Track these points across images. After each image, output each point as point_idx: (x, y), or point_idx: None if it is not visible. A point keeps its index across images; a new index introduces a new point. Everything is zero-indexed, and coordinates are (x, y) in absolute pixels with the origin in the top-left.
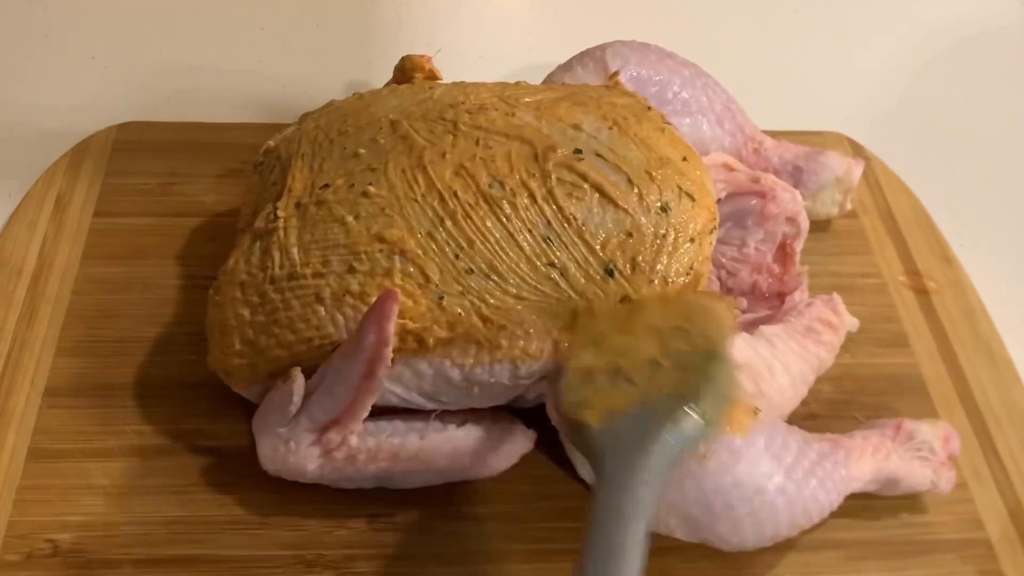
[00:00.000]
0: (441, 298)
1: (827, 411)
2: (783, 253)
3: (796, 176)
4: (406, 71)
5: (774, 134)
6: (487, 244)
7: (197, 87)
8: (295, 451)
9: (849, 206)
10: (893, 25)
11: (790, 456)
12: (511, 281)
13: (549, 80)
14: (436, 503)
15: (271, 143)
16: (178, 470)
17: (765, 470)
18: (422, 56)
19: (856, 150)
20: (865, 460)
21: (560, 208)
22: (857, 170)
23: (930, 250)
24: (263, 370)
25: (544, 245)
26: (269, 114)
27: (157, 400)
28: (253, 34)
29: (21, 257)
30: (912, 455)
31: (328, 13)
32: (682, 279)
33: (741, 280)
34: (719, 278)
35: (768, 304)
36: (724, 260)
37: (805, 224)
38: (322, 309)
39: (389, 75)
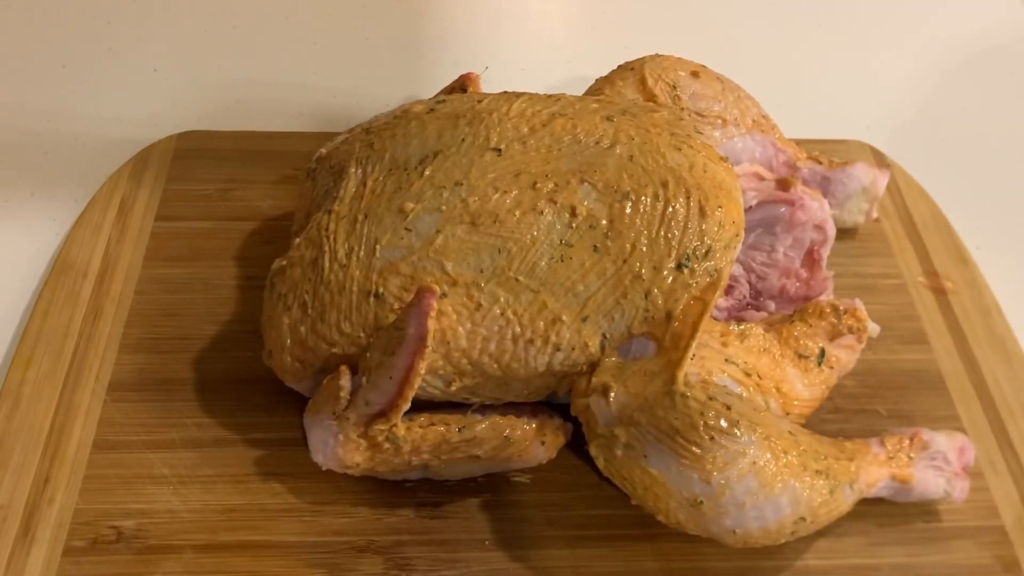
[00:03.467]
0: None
1: (850, 405)
2: (810, 259)
3: (824, 185)
4: (460, 86)
5: (801, 142)
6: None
7: (253, 98)
8: (343, 444)
9: (875, 215)
10: (913, 38)
11: (801, 457)
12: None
13: (590, 91)
14: (479, 492)
15: (323, 151)
16: (235, 460)
17: (773, 469)
18: (472, 74)
19: (878, 157)
20: (879, 467)
21: (595, 216)
22: (882, 180)
23: (947, 252)
24: (313, 366)
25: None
26: (322, 123)
27: (215, 394)
28: (306, 48)
29: (87, 259)
30: (927, 464)
31: (377, 28)
32: (707, 279)
33: (770, 284)
34: (749, 281)
35: (794, 307)
36: (754, 264)
37: (832, 231)
38: (368, 309)
39: (434, 85)
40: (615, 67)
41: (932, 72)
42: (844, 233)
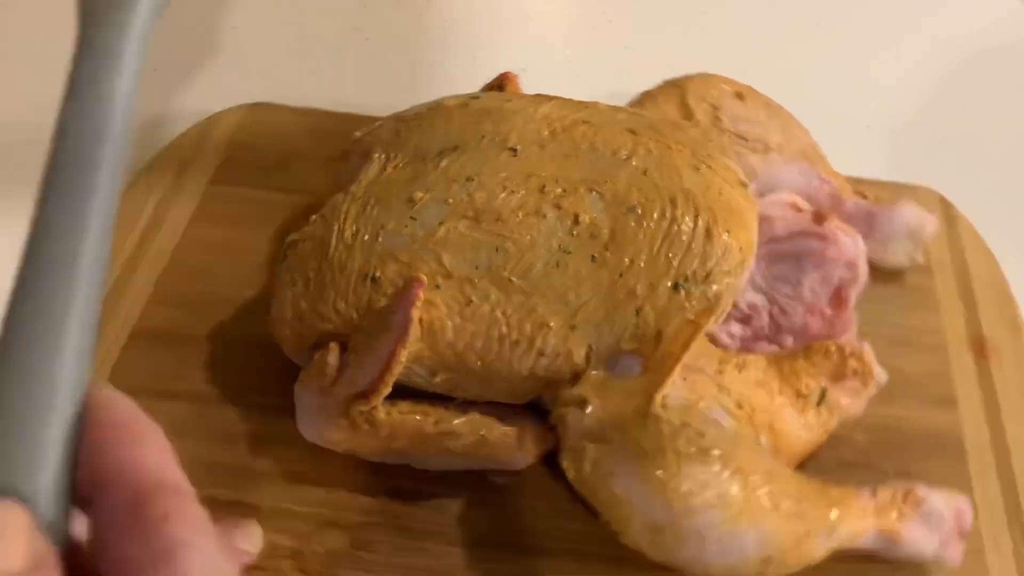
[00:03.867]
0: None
1: (858, 459)
2: (838, 298)
3: (869, 222)
4: (497, 85)
5: (864, 182)
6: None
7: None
8: (326, 419)
9: (920, 259)
10: (912, 38)
11: (774, 497)
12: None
13: (632, 104)
14: (456, 487)
15: (358, 134)
16: (230, 419)
17: (740, 504)
18: (509, 74)
19: (946, 208)
20: (866, 517)
21: (598, 225)
22: (931, 224)
23: (1000, 316)
24: (309, 340)
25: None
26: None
27: (228, 354)
28: (306, 47)
29: (137, 213)
30: (920, 522)
31: (377, 28)
32: (704, 303)
33: (793, 319)
34: (771, 314)
35: None
36: (778, 296)
37: (864, 271)
38: (364, 291)
39: (434, 85)
40: (617, 66)
41: (932, 72)
42: (891, 280)
